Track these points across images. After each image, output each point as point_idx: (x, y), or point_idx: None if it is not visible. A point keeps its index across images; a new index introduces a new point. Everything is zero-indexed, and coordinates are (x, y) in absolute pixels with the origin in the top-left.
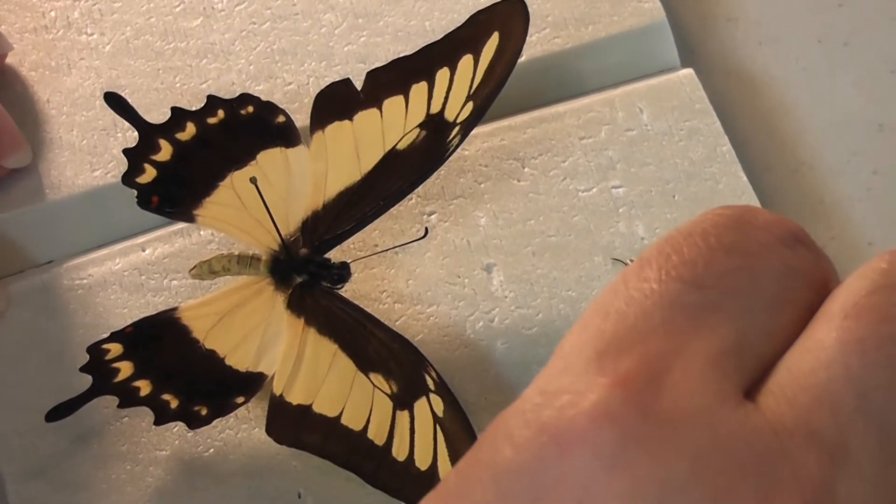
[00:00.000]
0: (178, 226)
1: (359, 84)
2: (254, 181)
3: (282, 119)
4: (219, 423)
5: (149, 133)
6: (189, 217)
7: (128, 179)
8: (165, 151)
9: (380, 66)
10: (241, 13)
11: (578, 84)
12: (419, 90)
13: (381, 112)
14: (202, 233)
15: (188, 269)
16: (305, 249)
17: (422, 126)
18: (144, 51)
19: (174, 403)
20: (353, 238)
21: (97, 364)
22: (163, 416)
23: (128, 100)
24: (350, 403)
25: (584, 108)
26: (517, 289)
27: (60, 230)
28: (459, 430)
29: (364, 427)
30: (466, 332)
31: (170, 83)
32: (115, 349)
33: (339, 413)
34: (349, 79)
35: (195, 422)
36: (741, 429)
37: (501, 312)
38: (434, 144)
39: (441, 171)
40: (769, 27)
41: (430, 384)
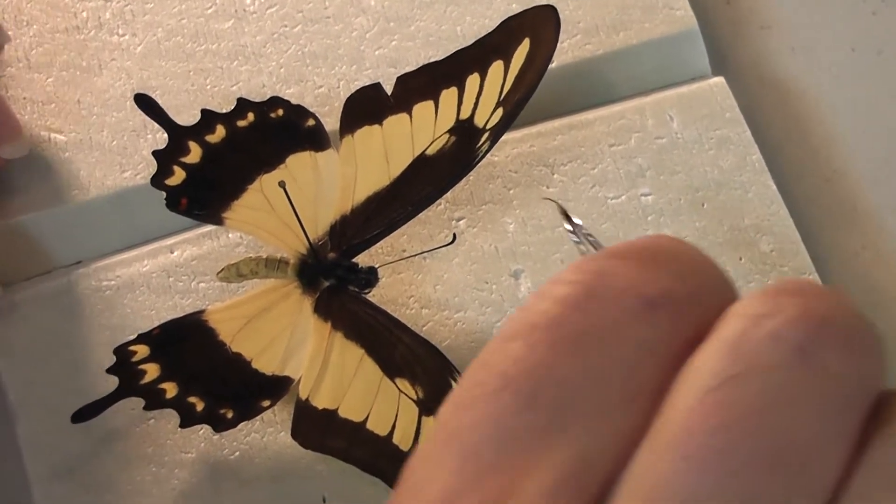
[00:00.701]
0: (207, 228)
1: (389, 88)
2: (282, 185)
3: (311, 123)
4: (244, 427)
5: (178, 135)
6: (217, 220)
7: (157, 181)
8: (195, 153)
9: (410, 71)
10: (273, 16)
11: (609, 91)
12: (449, 95)
13: (411, 117)
14: (230, 235)
15: (216, 272)
16: (333, 253)
17: (451, 132)
18: (175, 52)
19: (200, 406)
20: (382, 243)
21: (124, 365)
22: (189, 419)
23: (158, 101)
24: (376, 408)
25: (615, 116)
26: None
27: (89, 231)
28: None
29: (390, 432)
30: None
31: (200, 85)
32: (142, 351)
33: (365, 418)
34: (379, 83)
35: (221, 424)
36: None
37: None
38: (463, 150)
39: (470, 177)
40: (802, 35)
41: None
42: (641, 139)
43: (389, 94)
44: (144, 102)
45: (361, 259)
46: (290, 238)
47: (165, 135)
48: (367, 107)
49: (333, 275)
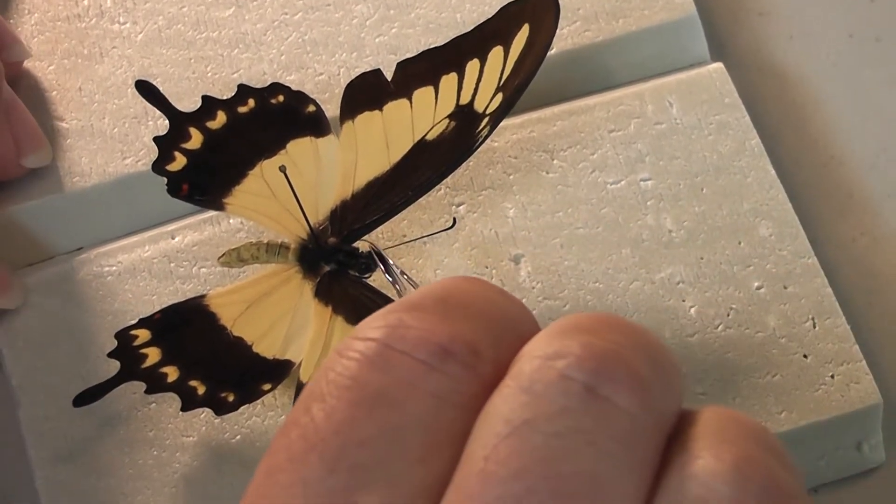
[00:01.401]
0: (208, 214)
1: (389, 75)
2: (283, 170)
3: (312, 109)
4: (246, 410)
5: (179, 121)
6: (218, 205)
7: (158, 167)
8: (196, 139)
9: (410, 57)
10: (273, 3)
11: (608, 77)
12: (449, 81)
13: (411, 103)
14: (231, 221)
15: (217, 258)
16: (334, 238)
17: (451, 117)
18: (176, 40)
19: (201, 390)
20: (382, 228)
21: (125, 350)
22: (190, 403)
23: (159, 88)
24: None
25: (614, 102)
26: (545, 280)
27: (90, 218)
28: None
29: None
30: None
31: (201, 72)
32: (143, 335)
33: None
34: (379, 69)
35: (222, 408)
36: None
37: (529, 303)
38: (463, 135)
39: (470, 162)
40: (800, 22)
41: None
42: (641, 125)
43: (390, 80)
44: (145, 89)
45: (362, 244)
46: (291, 223)
47: (166, 122)
48: (368, 93)
49: (334, 259)
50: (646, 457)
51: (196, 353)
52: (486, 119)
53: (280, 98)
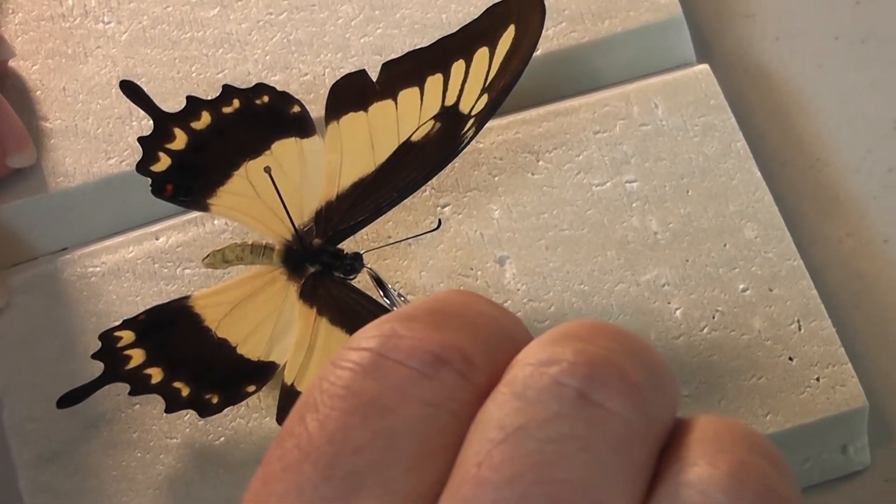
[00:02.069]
0: (192, 215)
1: (374, 76)
2: (268, 171)
3: (297, 109)
4: (230, 412)
5: (163, 121)
6: (203, 206)
7: (142, 167)
8: (180, 140)
9: (395, 58)
10: (258, 3)
11: (594, 78)
12: (434, 82)
13: (397, 103)
14: (216, 222)
15: (201, 259)
16: (319, 240)
17: (436, 118)
18: (161, 40)
19: (185, 391)
20: (367, 229)
21: (109, 351)
22: (174, 404)
23: (143, 88)
24: None
25: (600, 103)
26: (530, 282)
27: (74, 218)
28: None
29: None
30: None
31: (186, 72)
32: (128, 336)
33: None
34: (364, 70)
35: (206, 410)
36: None
37: (514, 305)
38: (448, 136)
39: (455, 164)
40: (786, 24)
41: None
42: (626, 126)
43: (375, 81)
44: (130, 89)
45: (347, 245)
46: (276, 224)
47: (151, 122)
48: (353, 93)
49: (319, 261)
50: (640, 463)
51: (180, 355)
52: (472, 120)
53: (265, 99)
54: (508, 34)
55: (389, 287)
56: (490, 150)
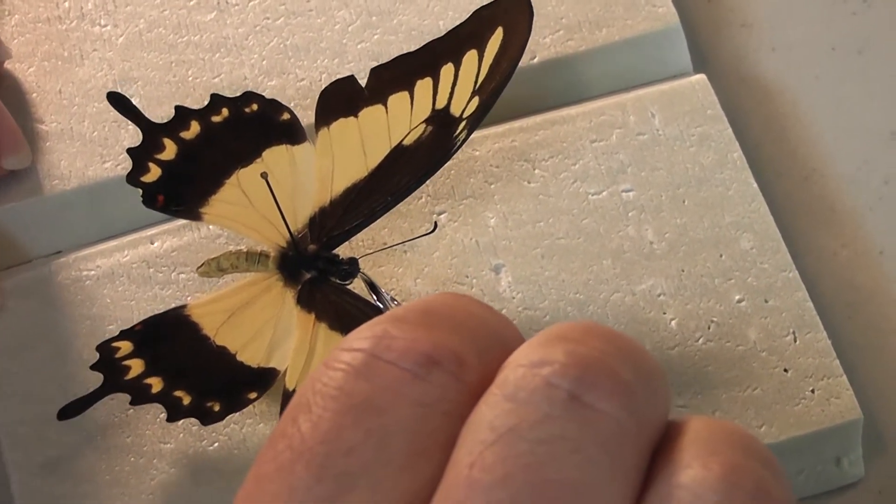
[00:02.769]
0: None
1: (363, 81)
2: (265, 176)
3: (286, 117)
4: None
5: (153, 132)
6: (195, 215)
7: (132, 178)
8: (170, 150)
9: (384, 63)
10: (255, 8)
11: (591, 87)
12: (424, 86)
13: (387, 108)
14: (211, 227)
15: (196, 267)
16: (314, 246)
17: (428, 121)
18: (157, 43)
19: (187, 400)
20: (362, 236)
21: (107, 362)
22: (176, 413)
23: (131, 99)
24: None
25: (596, 112)
26: (525, 290)
27: (69, 221)
28: None
29: None
30: None
31: (182, 76)
32: (125, 347)
33: None
34: (353, 76)
35: (208, 418)
36: None
37: (509, 313)
38: (440, 140)
39: (451, 171)
40: (783, 34)
41: None
42: (623, 135)
43: (364, 86)
44: (117, 100)
45: (342, 251)
46: (270, 231)
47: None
48: (342, 99)
49: (314, 267)
50: (632, 464)
51: (180, 364)
52: (464, 122)
53: (254, 107)
54: (497, 36)
55: (383, 291)
56: (486, 158)
